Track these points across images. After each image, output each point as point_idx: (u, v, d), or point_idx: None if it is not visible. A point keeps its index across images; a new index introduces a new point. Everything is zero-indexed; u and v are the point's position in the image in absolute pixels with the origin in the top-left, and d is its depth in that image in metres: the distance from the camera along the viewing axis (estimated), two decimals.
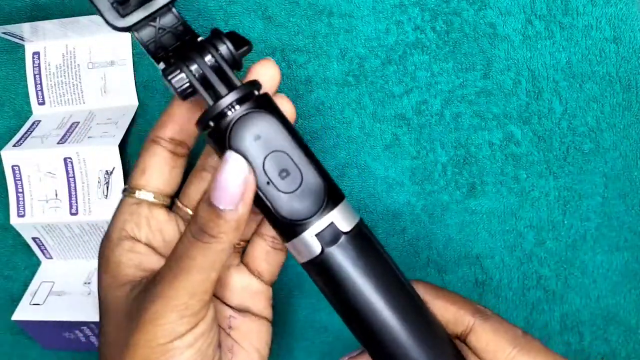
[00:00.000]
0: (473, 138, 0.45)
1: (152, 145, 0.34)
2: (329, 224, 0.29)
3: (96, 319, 0.45)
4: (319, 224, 0.29)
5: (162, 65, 0.31)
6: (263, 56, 0.46)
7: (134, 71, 0.47)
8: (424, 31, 0.45)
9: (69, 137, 0.45)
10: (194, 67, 0.29)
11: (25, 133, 0.47)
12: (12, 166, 0.46)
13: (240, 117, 0.29)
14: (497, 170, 0.45)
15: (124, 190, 0.34)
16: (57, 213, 0.45)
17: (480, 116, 0.45)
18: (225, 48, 0.30)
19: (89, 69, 0.48)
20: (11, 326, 0.49)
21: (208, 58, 0.29)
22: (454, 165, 0.46)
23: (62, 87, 0.48)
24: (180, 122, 0.34)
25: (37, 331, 0.47)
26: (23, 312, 0.46)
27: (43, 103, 0.48)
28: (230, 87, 0.29)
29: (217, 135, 0.29)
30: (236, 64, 0.30)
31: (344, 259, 0.29)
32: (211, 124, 0.29)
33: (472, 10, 0.45)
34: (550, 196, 0.45)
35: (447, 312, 0.32)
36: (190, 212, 0.35)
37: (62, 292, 0.47)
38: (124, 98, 0.48)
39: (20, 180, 0.46)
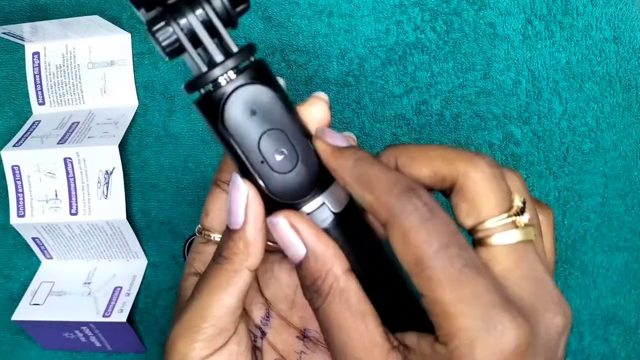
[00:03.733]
0: (473, 138, 0.45)
1: (215, 188, 0.34)
2: (321, 205, 0.28)
3: (96, 318, 0.45)
4: (310, 205, 0.28)
5: (146, 15, 0.28)
6: (264, 56, 0.47)
7: (134, 71, 0.47)
8: (424, 31, 0.45)
9: (69, 137, 0.45)
10: (182, 22, 0.26)
11: (25, 133, 0.47)
12: (12, 166, 0.46)
13: (236, 89, 0.26)
14: None
15: (198, 231, 0.35)
16: (57, 213, 0.45)
17: (480, 116, 0.45)
18: (219, 2, 0.26)
19: (89, 69, 0.48)
20: (11, 326, 0.49)
21: (199, 12, 0.26)
22: None
23: (62, 87, 0.48)
24: None
25: (37, 331, 0.47)
26: (23, 312, 0.46)
27: (43, 103, 0.48)
28: (225, 52, 0.26)
29: (207, 105, 0.27)
30: (231, 22, 0.27)
31: (333, 239, 0.28)
32: (202, 91, 0.27)
33: (472, 10, 0.45)
34: (550, 196, 0.45)
35: (363, 201, 0.26)
36: (216, 236, 0.36)
37: (62, 292, 0.47)
38: (124, 98, 0.48)
39: (20, 180, 0.46)
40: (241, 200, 0.28)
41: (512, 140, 0.45)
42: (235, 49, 0.26)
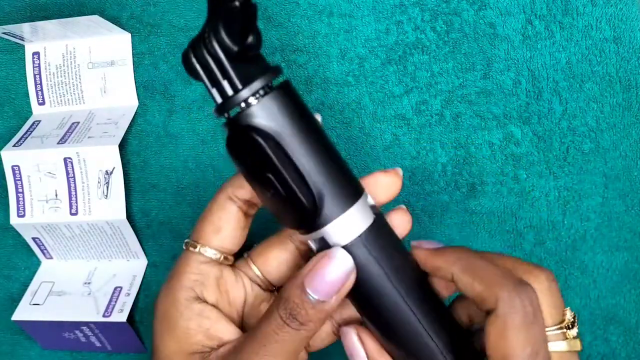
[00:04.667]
0: (473, 138, 0.45)
1: (229, 203, 0.32)
2: (320, 237, 0.29)
3: (96, 318, 0.45)
4: (312, 235, 0.29)
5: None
6: (265, 56, 0.46)
7: (134, 71, 0.47)
8: (424, 31, 0.45)
9: (69, 137, 0.45)
10: (200, 54, 0.27)
11: (25, 133, 0.47)
12: (12, 166, 0.46)
13: (235, 129, 0.27)
14: (497, 170, 0.45)
15: (190, 245, 0.32)
16: (57, 213, 0.45)
17: (480, 116, 0.45)
18: (224, 39, 0.27)
19: (89, 69, 0.48)
20: (11, 326, 0.49)
21: (207, 50, 0.27)
22: (454, 165, 0.46)
23: (62, 87, 0.48)
24: None
25: (37, 331, 0.47)
26: (23, 312, 0.46)
27: (43, 103, 0.48)
28: (233, 87, 0.27)
29: (230, 127, 0.28)
30: (246, 53, 0.27)
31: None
32: (225, 115, 0.28)
33: (472, 10, 0.45)
34: (550, 196, 0.45)
35: (470, 288, 0.28)
36: (259, 274, 0.34)
37: (62, 292, 0.47)
38: (124, 98, 0.48)
39: (20, 180, 0.46)
40: (343, 275, 0.28)
41: (512, 140, 0.45)
42: (238, 85, 0.27)
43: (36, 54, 0.48)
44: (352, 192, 0.29)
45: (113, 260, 0.48)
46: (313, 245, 0.30)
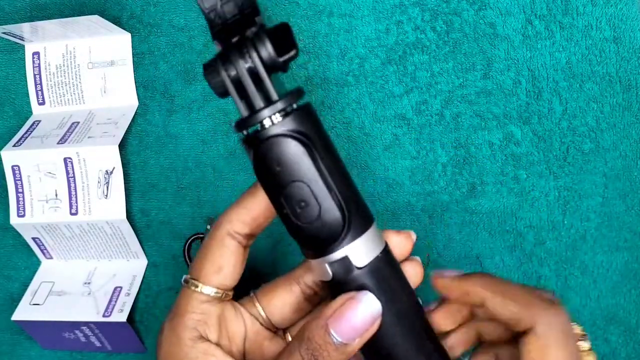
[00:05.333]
0: (473, 138, 0.45)
1: (228, 240, 0.32)
2: (343, 257, 0.28)
3: (96, 318, 0.45)
4: (332, 255, 0.28)
5: (217, 47, 0.29)
6: None
7: (134, 71, 0.47)
8: (424, 31, 0.45)
9: (69, 137, 0.45)
10: (230, 70, 0.27)
11: (25, 133, 0.47)
12: (12, 166, 0.46)
13: (268, 138, 0.27)
14: (497, 170, 0.45)
15: (190, 284, 0.32)
16: (57, 213, 0.45)
17: (480, 116, 0.45)
18: (266, 51, 0.27)
19: (89, 69, 0.48)
20: (11, 326, 0.49)
21: (244, 63, 0.27)
22: (454, 165, 0.46)
23: (62, 87, 0.48)
24: (260, 217, 0.31)
25: (37, 331, 0.47)
26: (23, 312, 0.46)
27: (43, 103, 0.48)
28: (267, 99, 0.27)
29: (250, 145, 0.28)
30: (279, 68, 0.28)
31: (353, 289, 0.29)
32: (245, 132, 0.28)
33: (472, 10, 0.45)
34: (550, 196, 0.45)
35: (504, 310, 0.29)
36: (263, 313, 0.34)
37: (62, 292, 0.47)
38: (124, 98, 0.48)
39: (20, 180, 0.46)
40: (369, 319, 0.28)
41: (512, 140, 0.45)
42: (274, 97, 0.27)
43: (36, 54, 0.48)
44: (369, 213, 0.29)
45: (113, 260, 0.48)
46: (329, 270, 0.29)
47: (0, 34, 0.46)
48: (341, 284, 0.29)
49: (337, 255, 0.28)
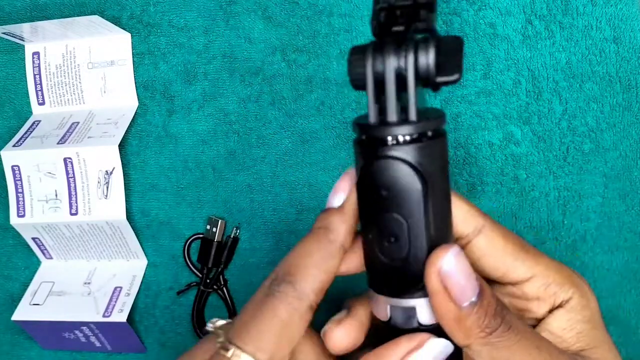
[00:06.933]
0: (473, 138, 0.45)
1: (309, 314, 0.26)
2: (410, 307, 0.26)
3: (96, 319, 0.45)
4: (400, 300, 0.26)
5: (372, 27, 0.25)
6: (264, 56, 0.47)
7: (134, 71, 0.47)
8: None
9: (68, 137, 0.45)
10: (378, 66, 0.24)
11: (25, 133, 0.47)
12: (12, 166, 0.46)
13: (387, 157, 0.24)
14: (497, 170, 0.45)
15: (228, 350, 0.25)
16: (57, 213, 0.45)
17: (480, 116, 0.45)
18: (425, 61, 0.23)
19: (89, 69, 0.48)
20: (11, 326, 0.49)
21: (396, 61, 0.24)
22: (453, 165, 0.45)
23: (62, 87, 0.48)
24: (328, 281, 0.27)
25: (37, 331, 0.47)
26: (23, 312, 0.46)
27: (43, 103, 0.48)
28: (404, 115, 0.24)
29: (363, 150, 0.25)
30: (430, 85, 0.24)
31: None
32: (363, 137, 0.25)
33: (472, 10, 0.45)
34: (550, 196, 0.45)
35: (459, 209, 0.27)
36: None
37: (62, 292, 0.47)
38: (124, 98, 0.48)
39: (20, 180, 0.46)
40: None
41: (512, 140, 0.45)
42: (413, 116, 0.24)
43: (36, 54, 0.48)
44: None
45: (113, 260, 0.48)
46: (389, 312, 0.27)
47: (0, 34, 0.46)
48: (397, 329, 0.27)
49: (405, 303, 0.26)
